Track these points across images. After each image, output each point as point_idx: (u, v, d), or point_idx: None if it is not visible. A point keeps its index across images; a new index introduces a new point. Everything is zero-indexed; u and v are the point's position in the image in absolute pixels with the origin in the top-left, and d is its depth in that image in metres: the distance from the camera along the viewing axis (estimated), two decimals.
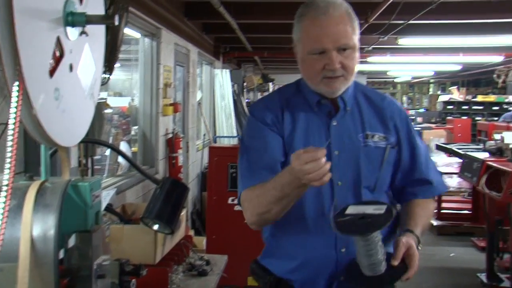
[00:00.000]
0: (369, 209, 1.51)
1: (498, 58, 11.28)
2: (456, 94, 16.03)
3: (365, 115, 1.73)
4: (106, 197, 3.00)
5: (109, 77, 2.77)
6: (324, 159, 1.39)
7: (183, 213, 2.41)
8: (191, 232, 3.30)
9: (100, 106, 2.96)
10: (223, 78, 8.79)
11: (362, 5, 6.06)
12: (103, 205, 2.08)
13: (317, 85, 1.67)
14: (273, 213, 1.60)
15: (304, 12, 1.65)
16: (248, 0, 6.15)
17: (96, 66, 1.47)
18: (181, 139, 5.45)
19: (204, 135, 8.01)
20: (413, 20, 5.86)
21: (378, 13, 5.64)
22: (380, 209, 1.51)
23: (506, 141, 5.18)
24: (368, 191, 1.69)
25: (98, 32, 1.49)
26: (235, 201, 4.43)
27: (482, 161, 4.81)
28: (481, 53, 10.77)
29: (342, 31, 1.59)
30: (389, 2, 5.08)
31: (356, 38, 1.63)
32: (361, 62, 12.82)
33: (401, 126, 1.76)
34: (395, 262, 1.54)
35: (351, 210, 1.51)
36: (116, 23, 1.33)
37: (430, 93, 23.14)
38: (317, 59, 1.61)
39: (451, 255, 5.98)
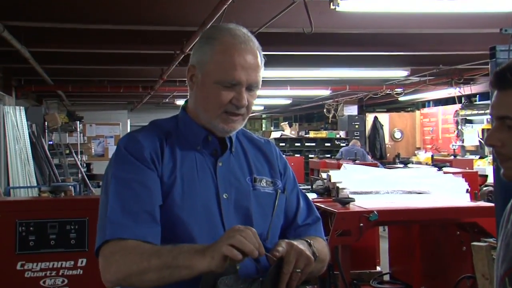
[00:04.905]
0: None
1: (325, 92, 12.19)
2: (288, 130, 16.90)
3: (250, 158, 1.77)
4: None
5: None
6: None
7: None
8: None
9: None
10: (16, 117, 8.26)
11: (176, 33, 6.12)
12: None
13: (214, 119, 1.66)
14: (146, 280, 1.51)
15: (216, 35, 1.65)
16: (42, 25, 5.84)
17: None
18: None
19: None
20: None
21: (194, 42, 5.73)
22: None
23: (333, 180, 5.46)
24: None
25: None
26: (27, 266, 4.08)
27: None
28: (308, 86, 11.55)
29: (257, 67, 1.64)
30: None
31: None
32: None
33: (284, 171, 1.81)
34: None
35: None
36: None
37: (264, 129, 24.25)
38: (224, 91, 1.62)
39: None
